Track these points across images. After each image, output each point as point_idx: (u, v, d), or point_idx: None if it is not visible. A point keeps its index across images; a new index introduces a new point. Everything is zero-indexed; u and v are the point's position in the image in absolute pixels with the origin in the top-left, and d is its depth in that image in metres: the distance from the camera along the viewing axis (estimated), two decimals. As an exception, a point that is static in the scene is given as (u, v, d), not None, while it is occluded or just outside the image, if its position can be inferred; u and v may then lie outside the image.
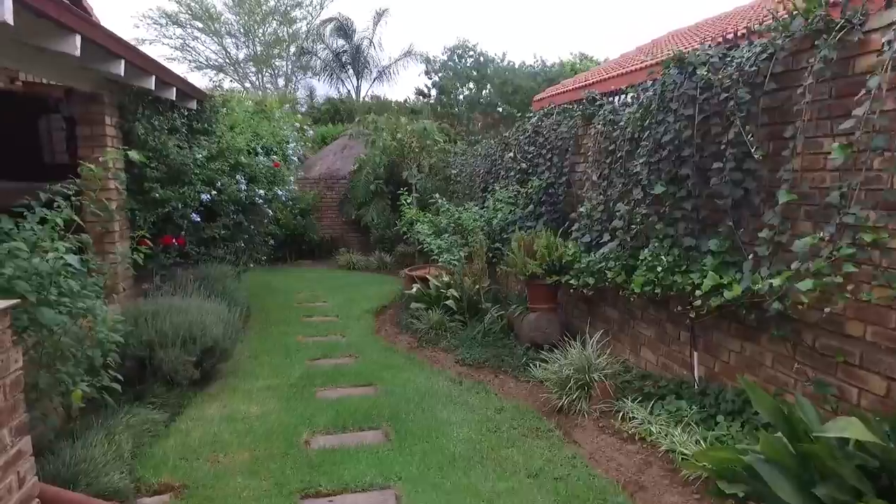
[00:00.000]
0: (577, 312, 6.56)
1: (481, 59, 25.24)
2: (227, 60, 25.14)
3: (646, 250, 4.39)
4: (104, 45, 4.52)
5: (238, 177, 6.78)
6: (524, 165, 7.45)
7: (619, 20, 46.69)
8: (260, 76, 25.63)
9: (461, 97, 25.34)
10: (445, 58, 25.55)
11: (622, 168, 5.11)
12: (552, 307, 6.24)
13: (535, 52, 43.26)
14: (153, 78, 5.68)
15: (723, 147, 3.72)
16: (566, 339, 5.61)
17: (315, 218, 13.53)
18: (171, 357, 4.81)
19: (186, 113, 6.84)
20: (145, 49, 7.25)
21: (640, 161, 4.64)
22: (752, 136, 3.44)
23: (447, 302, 7.21)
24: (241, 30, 24.69)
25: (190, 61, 24.77)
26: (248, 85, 24.72)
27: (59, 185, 3.57)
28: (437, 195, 7.13)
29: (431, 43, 49.41)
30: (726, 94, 3.68)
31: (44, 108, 8.19)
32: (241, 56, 25.31)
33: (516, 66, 25.15)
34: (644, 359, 5.17)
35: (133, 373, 4.95)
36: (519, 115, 8.70)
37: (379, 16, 24.56)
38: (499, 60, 25.27)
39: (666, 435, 3.68)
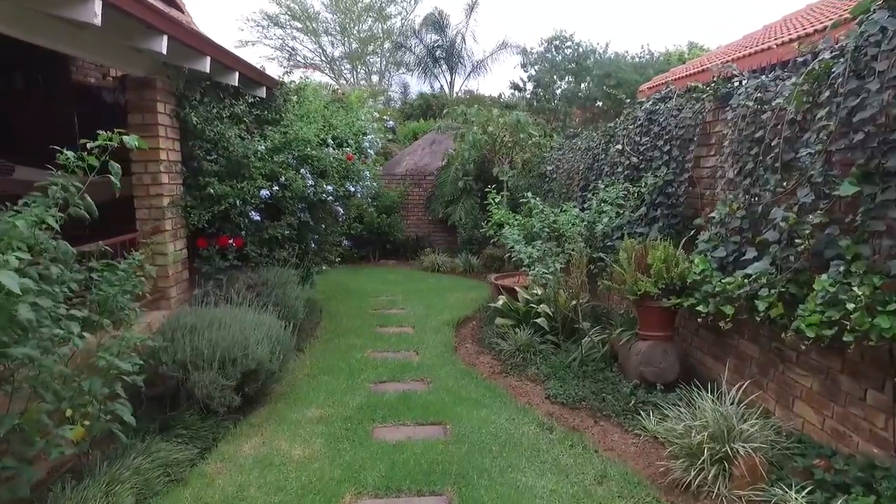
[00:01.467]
0: (696, 341, 5.22)
1: (580, 49, 23.70)
2: (324, 59, 25.20)
3: (824, 277, 3.05)
4: (133, 13, 3.81)
5: (303, 170, 6.01)
6: (634, 160, 6.15)
7: (726, 9, 42.90)
8: (354, 73, 25.49)
9: (558, 91, 23.92)
10: (542, 50, 24.26)
11: (777, 161, 3.77)
12: (667, 335, 4.95)
13: (643, 41, 40.51)
14: (207, 60, 4.99)
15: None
16: (689, 381, 4.36)
17: (400, 216, 12.79)
18: (206, 381, 4.06)
19: (251, 100, 6.16)
20: (247, 51, 6.72)
21: (813, 150, 3.31)
22: None
23: (537, 320, 6.08)
24: (338, 27, 24.62)
25: (288, 60, 25.06)
26: (343, 82, 24.63)
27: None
28: (529, 193, 6.01)
29: (526, 34, 47.68)
30: None
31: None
32: (337, 54, 25.28)
33: (619, 57, 23.37)
34: (800, 417, 3.79)
35: (166, 397, 4.27)
36: (628, 100, 7.37)
37: (470, 7, 23.59)
38: (600, 51, 23.63)
39: (869, 568, 2.38)
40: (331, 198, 6.40)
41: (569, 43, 23.69)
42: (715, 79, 5.02)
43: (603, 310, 6.81)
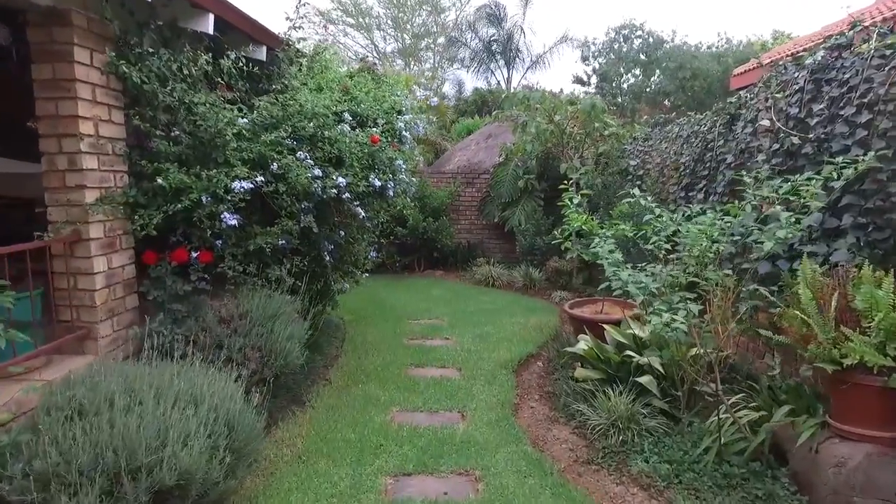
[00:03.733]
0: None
1: (650, 39, 21.20)
2: (376, 55, 23.58)
3: None
4: None
5: (301, 154, 4.14)
6: (794, 140, 3.96)
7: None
8: (407, 69, 23.76)
9: (625, 85, 21.50)
10: (608, 40, 21.88)
11: None
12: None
13: (715, 31, 37.14)
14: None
15: None
16: None
17: (449, 220, 10.81)
18: (76, 516, 2.20)
19: (240, 60, 4.33)
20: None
21: None
22: None
23: (641, 378, 3.99)
24: (390, 22, 22.97)
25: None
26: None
27: None
28: (636, 191, 3.90)
29: (587, 26, 44.38)
30: None
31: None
32: (389, 50, 23.64)
33: (693, 47, 20.75)
34: None
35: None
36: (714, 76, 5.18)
37: (526, -2, 21.45)
38: (669, 40, 21.06)
39: None
40: (347, 194, 4.50)
41: (639, 33, 21.23)
42: None
43: (730, 360, 4.62)
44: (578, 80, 21.06)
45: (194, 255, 3.77)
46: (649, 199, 3.82)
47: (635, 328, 4.60)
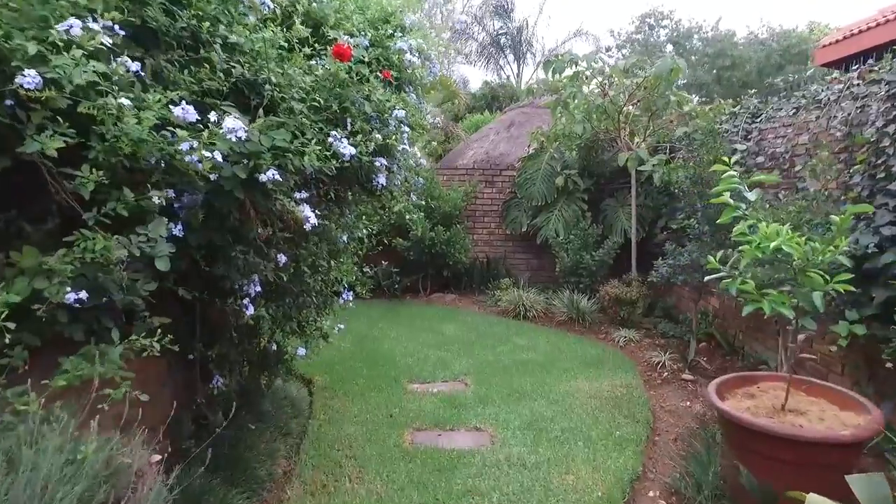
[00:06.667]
0: None
1: (680, 28, 18.64)
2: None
3: None
4: None
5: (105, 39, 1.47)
6: None
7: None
8: (410, 63, 21.19)
9: (652, 79, 18.86)
10: (633, 29, 19.34)
11: None
12: None
13: (751, 18, 34.40)
14: None
15: None
16: None
17: (464, 228, 8.11)
18: None
19: None
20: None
21: None
22: None
23: None
24: (391, 11, 20.40)
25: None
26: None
27: None
28: None
29: (604, 18, 41.54)
30: None
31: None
32: (391, 41, 21.06)
33: (731, 35, 18.16)
34: None
35: None
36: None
37: (541, -11, 18.89)
38: (707, 28, 18.49)
39: None
40: (271, 174, 1.81)
41: (665, 22, 18.69)
42: None
43: None
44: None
45: None
46: None
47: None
